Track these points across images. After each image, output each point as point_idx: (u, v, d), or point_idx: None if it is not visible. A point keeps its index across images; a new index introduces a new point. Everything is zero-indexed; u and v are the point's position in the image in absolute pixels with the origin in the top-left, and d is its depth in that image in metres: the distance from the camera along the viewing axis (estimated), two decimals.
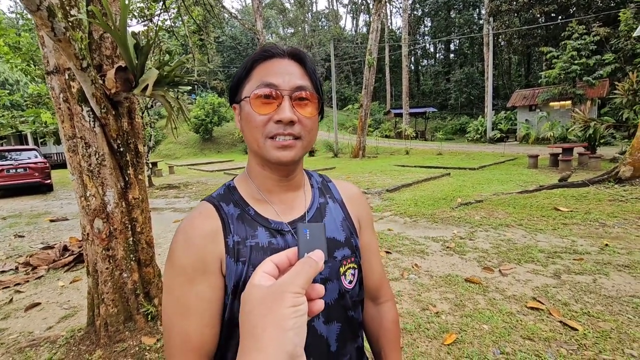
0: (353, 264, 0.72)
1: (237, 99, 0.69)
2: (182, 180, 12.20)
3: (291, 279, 0.37)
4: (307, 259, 0.40)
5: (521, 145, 18.03)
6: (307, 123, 0.64)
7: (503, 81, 31.45)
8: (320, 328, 0.65)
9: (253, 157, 0.70)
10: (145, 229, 2.36)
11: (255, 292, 0.38)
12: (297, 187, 0.73)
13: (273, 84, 0.62)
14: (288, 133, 0.62)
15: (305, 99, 0.64)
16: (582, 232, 4.51)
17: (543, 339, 2.35)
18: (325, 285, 0.66)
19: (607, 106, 16.46)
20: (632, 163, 6.46)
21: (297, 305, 0.36)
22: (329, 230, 0.71)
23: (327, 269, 0.67)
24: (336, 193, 0.79)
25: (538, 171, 9.94)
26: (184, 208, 7.57)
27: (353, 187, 0.83)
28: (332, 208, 0.75)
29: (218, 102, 24.14)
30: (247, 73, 0.67)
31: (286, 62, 0.65)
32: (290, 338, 0.34)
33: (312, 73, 0.67)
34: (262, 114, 0.62)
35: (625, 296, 2.86)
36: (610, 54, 15.79)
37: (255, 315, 0.36)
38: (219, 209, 0.66)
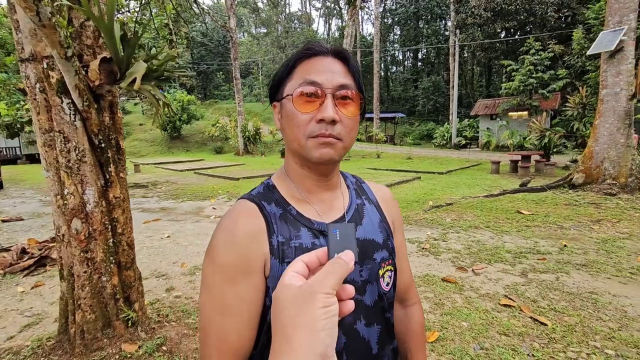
0: (390, 267, 0.72)
1: (277, 97, 0.68)
2: (149, 179, 11.66)
3: (322, 280, 0.37)
4: (337, 259, 0.39)
5: (483, 152, 19.05)
6: (349, 123, 0.63)
7: (466, 90, 33.06)
8: (362, 331, 0.65)
9: (292, 156, 0.69)
10: (126, 229, 2.24)
11: (287, 292, 0.37)
12: (334, 187, 0.72)
13: (316, 82, 0.61)
14: (329, 134, 0.61)
15: (348, 98, 0.63)
16: (543, 234, 4.85)
17: (517, 334, 2.50)
18: (365, 287, 0.66)
19: (557, 118, 17.82)
20: (584, 171, 7.05)
21: (328, 306, 0.35)
22: (368, 232, 0.70)
23: (367, 271, 0.67)
24: (371, 194, 0.79)
25: (500, 176, 10.55)
26: (154, 208, 7.24)
27: (386, 189, 0.84)
28: (369, 209, 0.75)
29: (187, 100, 23.33)
30: (290, 71, 0.66)
31: (329, 60, 0.64)
32: (321, 339, 0.34)
33: (355, 72, 0.66)
34: (305, 113, 0.62)
35: (585, 292, 3.11)
36: (563, 70, 17.14)
37: (287, 315, 0.36)
38: (262, 208, 0.65)
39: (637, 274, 3.44)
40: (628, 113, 6.56)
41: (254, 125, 20.99)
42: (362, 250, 0.68)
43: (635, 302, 2.91)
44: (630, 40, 6.50)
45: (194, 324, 2.64)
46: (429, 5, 34.01)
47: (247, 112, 26.95)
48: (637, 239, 4.49)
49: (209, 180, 11.22)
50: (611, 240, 4.45)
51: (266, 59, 40.46)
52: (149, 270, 3.81)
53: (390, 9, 38.65)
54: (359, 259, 0.67)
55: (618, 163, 6.59)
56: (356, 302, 0.64)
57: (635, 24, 6.59)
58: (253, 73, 43.31)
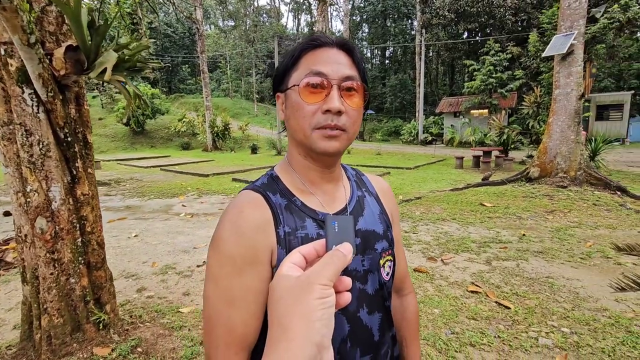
0: (390, 257, 0.74)
1: (282, 87, 0.68)
2: (112, 176, 11.06)
3: (319, 271, 0.37)
4: (335, 251, 0.39)
5: (448, 148, 19.85)
6: (353, 114, 0.64)
7: (432, 89, 34.24)
8: (364, 319, 0.67)
9: (295, 147, 0.69)
10: (96, 228, 2.14)
11: (284, 282, 0.37)
12: (337, 179, 0.73)
13: (322, 72, 0.61)
14: (334, 125, 0.62)
15: (353, 89, 0.64)
16: (504, 224, 5.17)
17: (484, 318, 2.67)
18: (367, 277, 0.68)
19: (514, 116, 18.93)
20: (539, 165, 7.57)
21: (324, 297, 0.35)
22: (369, 223, 0.72)
23: (369, 261, 0.69)
24: (370, 187, 0.81)
25: (464, 171, 11.07)
26: (118, 207, 6.90)
27: (384, 182, 0.86)
28: (369, 201, 0.76)
29: (152, 93, 22.28)
30: (295, 62, 0.66)
31: (334, 51, 0.64)
32: (317, 329, 0.34)
33: (360, 63, 0.67)
34: (311, 103, 0.62)
35: (542, 277, 3.37)
36: (520, 71, 18.21)
37: (283, 305, 0.36)
38: (268, 198, 0.65)
39: (587, 259, 3.77)
40: (577, 112, 7.11)
41: (223, 121, 20.49)
42: (364, 240, 0.69)
43: (586, 284, 3.19)
44: (579, 44, 7.04)
45: (169, 323, 2.57)
46: (396, 5, 34.74)
47: (215, 107, 26.21)
48: (586, 227, 4.92)
49: (176, 177, 10.85)
50: (563, 229, 4.84)
51: (234, 52, 39.49)
52: (118, 271, 3.65)
53: (358, 7, 39.06)
54: (361, 249, 0.69)
55: (569, 158, 7.14)
56: (359, 291, 0.67)
57: (584, 29, 7.13)
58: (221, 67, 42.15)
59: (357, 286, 0.66)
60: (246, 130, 22.61)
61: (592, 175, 7.03)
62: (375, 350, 0.68)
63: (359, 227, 0.70)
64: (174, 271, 3.66)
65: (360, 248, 0.68)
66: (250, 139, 22.15)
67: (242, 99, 39.48)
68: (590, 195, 6.41)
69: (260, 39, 39.47)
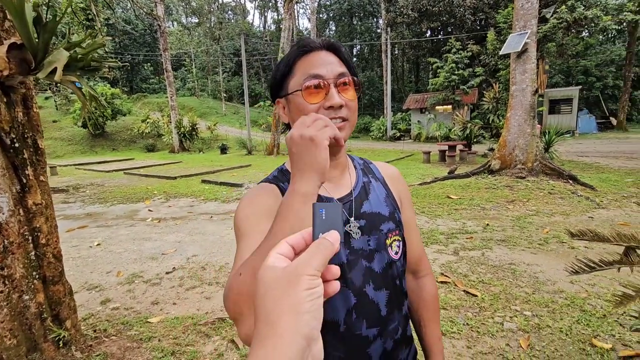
0: (397, 237, 0.79)
1: (282, 93, 0.74)
2: (70, 182, 10.39)
3: (306, 261, 0.36)
4: (322, 240, 0.38)
5: (415, 143, 20.43)
6: (352, 105, 0.71)
7: (398, 86, 35.04)
8: (370, 294, 0.72)
9: None
10: (51, 240, 2.00)
11: (270, 274, 0.36)
12: (343, 168, 0.79)
13: (319, 74, 0.69)
14: (338, 117, 0.69)
15: (347, 84, 0.71)
16: (469, 215, 5.41)
17: (453, 306, 2.78)
18: (374, 255, 0.74)
19: (476, 111, 19.82)
20: (500, 158, 7.97)
21: (312, 288, 0.35)
22: (374, 206, 0.78)
23: (375, 241, 0.75)
24: (377, 173, 0.87)
25: (431, 165, 11.44)
26: (78, 214, 6.50)
27: (392, 168, 0.92)
28: (375, 186, 0.82)
29: (111, 93, 21.10)
30: (290, 69, 0.72)
31: (324, 53, 0.71)
32: (306, 321, 0.33)
33: (348, 60, 0.74)
34: (313, 103, 0.69)
35: (505, 264, 3.56)
36: (480, 68, 19.06)
37: (270, 298, 0.35)
38: (278, 185, 0.75)
39: (544, 245, 4.03)
40: (532, 106, 7.55)
41: (190, 121, 19.85)
42: (370, 222, 0.76)
43: (544, 268, 3.41)
44: (533, 42, 7.47)
45: (137, 335, 2.46)
46: (362, 3, 35.19)
47: (181, 106, 25.32)
48: (543, 215, 5.24)
49: (142, 181, 10.39)
50: (523, 217, 5.13)
51: (199, 50, 38.33)
52: (79, 283, 3.44)
53: (325, 5, 39.18)
54: (367, 229, 0.75)
55: (526, 150, 7.58)
56: (365, 269, 0.73)
57: (536, 28, 7.58)
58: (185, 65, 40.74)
59: (364, 264, 0.73)
60: (215, 130, 22.03)
61: (547, 166, 7.51)
62: (383, 324, 0.73)
63: (364, 209, 0.76)
64: (141, 280, 3.50)
65: (366, 229, 0.74)
66: (220, 139, 21.63)
67: (209, 98, 38.43)
68: (545, 184, 6.84)
69: (226, 36, 38.55)
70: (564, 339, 2.32)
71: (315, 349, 0.35)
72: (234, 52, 37.95)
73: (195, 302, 3.02)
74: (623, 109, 19.89)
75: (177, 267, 3.81)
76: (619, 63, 22.11)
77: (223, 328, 2.55)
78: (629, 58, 19.48)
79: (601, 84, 22.61)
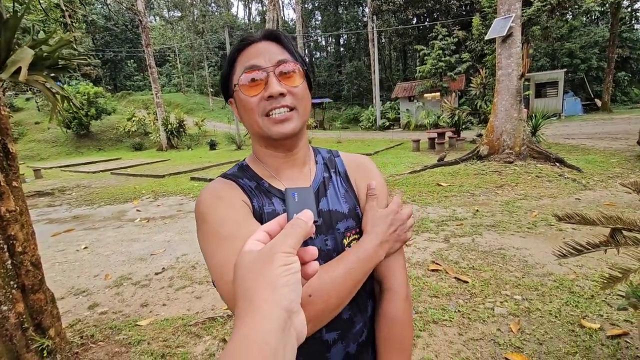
0: (357, 236, 0.72)
1: (229, 92, 0.71)
2: (55, 185, 10.15)
3: (280, 240, 0.37)
4: (295, 219, 0.40)
5: (405, 132, 20.46)
6: (297, 92, 0.67)
7: (386, 74, 34.89)
8: None
9: (257, 141, 0.74)
10: (28, 247, 1.92)
11: (247, 257, 0.37)
12: (302, 164, 0.76)
13: (255, 65, 0.65)
14: (281, 105, 0.65)
15: (289, 71, 0.66)
16: (459, 202, 5.43)
17: (445, 294, 2.79)
18: (332, 256, 0.68)
19: (464, 97, 19.87)
20: (488, 143, 8.01)
21: (288, 264, 0.35)
22: (332, 203, 0.74)
23: (332, 241, 0.70)
24: (340, 166, 0.81)
25: (421, 153, 11.47)
26: (64, 218, 6.36)
27: (360, 157, 0.85)
28: (335, 181, 0.78)
29: (94, 92, 20.57)
30: (232, 66, 0.69)
31: (263, 44, 0.68)
32: (284, 294, 0.34)
33: (290, 46, 0.70)
34: (253, 95, 0.66)
35: (495, 249, 3.58)
36: (466, 54, 19.04)
37: (247, 278, 0.36)
38: (237, 181, 0.71)
39: (533, 228, 4.07)
40: (519, 90, 7.58)
41: (177, 117, 19.51)
42: (327, 220, 0.71)
43: (533, 252, 3.44)
44: (517, 26, 7.45)
45: (126, 340, 2.41)
46: None
47: (167, 103, 24.87)
48: (531, 199, 5.30)
49: (129, 180, 10.21)
50: (512, 202, 5.18)
51: (183, 45, 37.53)
52: (65, 289, 3.37)
53: None
54: (324, 229, 0.70)
55: (513, 135, 7.62)
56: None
57: (520, 12, 7.55)
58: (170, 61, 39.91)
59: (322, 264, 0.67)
60: (203, 126, 21.72)
61: (534, 150, 7.57)
62: (344, 327, 0.69)
63: (321, 207, 0.72)
64: (130, 282, 3.44)
65: (323, 228, 0.70)
66: (208, 135, 21.35)
67: (196, 94, 37.79)
68: (533, 168, 6.91)
69: (210, 29, 37.75)
70: (554, 321, 2.34)
71: (296, 320, 0.35)
72: (219, 46, 37.26)
73: (186, 302, 2.98)
74: (607, 90, 20.16)
75: (166, 267, 3.75)
76: (603, 45, 22.34)
77: (214, 327, 2.52)
78: (612, 39, 19.67)
79: (586, 65, 22.84)
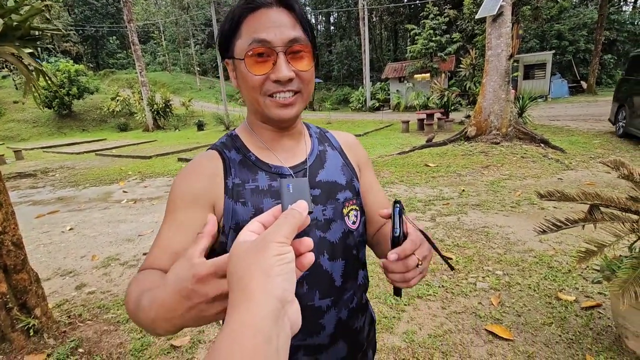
0: (355, 206, 0.74)
1: (228, 54, 0.66)
2: (37, 166, 9.88)
3: (274, 230, 0.37)
4: (290, 210, 0.40)
5: (394, 113, 20.41)
6: (305, 76, 0.64)
7: (377, 54, 34.42)
8: (325, 264, 0.69)
9: (253, 113, 0.71)
10: (8, 227, 1.88)
11: (240, 247, 0.37)
12: (297, 136, 0.75)
13: (265, 40, 0.60)
14: (287, 90, 0.62)
15: (300, 52, 0.63)
16: (446, 182, 5.51)
17: (430, 270, 2.86)
18: (330, 225, 0.70)
19: (453, 78, 19.81)
20: (475, 124, 8.07)
21: (282, 254, 0.35)
22: (330, 175, 0.74)
23: (331, 210, 0.70)
24: (334, 141, 0.82)
25: (410, 134, 11.50)
26: (48, 199, 6.23)
27: (349, 135, 0.87)
28: (332, 155, 0.78)
29: (75, 70, 19.77)
30: (236, 27, 0.63)
31: (274, 11, 0.61)
32: (277, 283, 0.34)
33: (304, 20, 0.65)
34: (258, 74, 0.61)
35: (479, 227, 3.67)
36: (457, 34, 18.86)
37: (241, 268, 0.35)
38: (222, 153, 0.70)
39: (516, 207, 4.17)
40: (507, 71, 7.58)
41: (163, 97, 19.00)
42: (326, 190, 0.71)
43: (515, 229, 3.54)
44: (508, 5, 7.37)
45: (114, 318, 2.42)
46: None
47: (152, 82, 24.16)
48: (515, 179, 5.41)
49: (115, 162, 10.00)
50: (497, 182, 5.27)
51: (168, 21, 36.11)
52: (51, 270, 3.34)
53: None
54: (323, 198, 0.71)
55: (500, 116, 7.69)
56: (319, 239, 0.69)
57: None
58: (154, 38, 38.45)
59: (318, 234, 0.68)
60: (190, 106, 21.25)
61: (521, 131, 7.67)
62: (337, 294, 0.70)
63: (319, 178, 0.72)
64: (118, 262, 3.43)
65: (322, 198, 0.70)
66: (195, 115, 20.93)
67: (182, 73, 36.72)
68: (519, 149, 7.01)
69: (196, 5, 36.30)
70: (532, 294, 2.44)
71: (290, 310, 0.35)
72: (205, 22, 36.01)
73: None
74: (593, 73, 20.34)
75: None
76: (591, 27, 22.35)
77: None
78: (600, 21, 19.69)
79: (573, 47, 22.91)
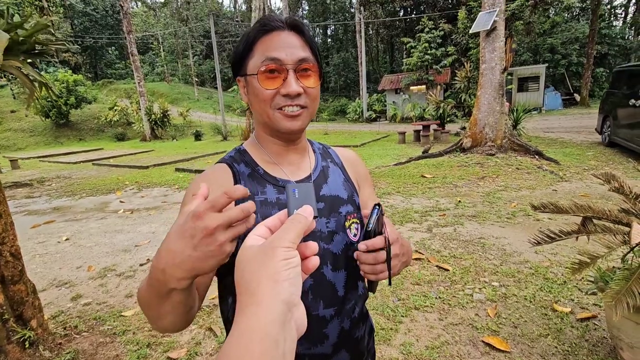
0: (356, 219, 0.79)
1: (241, 72, 0.72)
2: (33, 175, 9.83)
3: (281, 235, 0.38)
4: (296, 215, 0.40)
5: (391, 124, 20.59)
6: (312, 92, 0.70)
7: (373, 67, 34.88)
8: (328, 275, 0.72)
9: (261, 127, 0.76)
10: (7, 238, 1.89)
11: (248, 252, 0.38)
12: (302, 151, 0.80)
13: (277, 58, 0.66)
14: (295, 104, 0.68)
15: (308, 70, 0.68)
16: (442, 193, 5.56)
17: (427, 282, 2.88)
18: (333, 237, 0.74)
19: (449, 90, 20.08)
20: (471, 136, 8.17)
21: (288, 259, 0.36)
22: (333, 189, 0.78)
23: (334, 223, 0.75)
24: (336, 158, 0.87)
25: (406, 145, 11.60)
26: (44, 209, 6.19)
27: (350, 152, 0.93)
28: (334, 170, 0.83)
29: (74, 80, 19.84)
30: (250, 47, 0.69)
31: (286, 34, 0.68)
32: (285, 287, 0.35)
33: (312, 42, 0.71)
34: (270, 89, 0.67)
35: (475, 239, 3.70)
36: (452, 47, 19.21)
37: (248, 272, 0.36)
38: (232, 166, 0.74)
39: (512, 218, 4.21)
40: (501, 84, 7.73)
41: (161, 107, 19.08)
42: (329, 204, 0.76)
43: (511, 240, 3.58)
44: (501, 20, 7.56)
45: (110, 330, 2.41)
46: None
47: (150, 92, 24.23)
48: (511, 190, 5.46)
49: (112, 171, 9.98)
50: (492, 193, 5.33)
51: (166, 32, 36.50)
52: (47, 281, 3.31)
53: None
54: (327, 212, 0.75)
55: (495, 128, 7.80)
56: (323, 250, 0.72)
57: (504, 6, 7.66)
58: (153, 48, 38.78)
59: (322, 245, 0.72)
60: (187, 116, 21.33)
61: (515, 142, 7.78)
62: (340, 304, 0.73)
63: (323, 192, 0.76)
64: (114, 273, 3.41)
65: (325, 211, 0.74)
66: (193, 125, 20.99)
67: (180, 83, 36.94)
68: (514, 160, 7.10)
69: (195, 17, 36.78)
70: (528, 305, 2.46)
71: (297, 313, 0.36)
72: (204, 34, 36.44)
73: None
74: (586, 86, 20.73)
75: (151, 258, 3.72)
76: (583, 41, 22.87)
77: (200, 316, 2.54)
78: (592, 35, 20.16)
79: (566, 61, 23.38)
